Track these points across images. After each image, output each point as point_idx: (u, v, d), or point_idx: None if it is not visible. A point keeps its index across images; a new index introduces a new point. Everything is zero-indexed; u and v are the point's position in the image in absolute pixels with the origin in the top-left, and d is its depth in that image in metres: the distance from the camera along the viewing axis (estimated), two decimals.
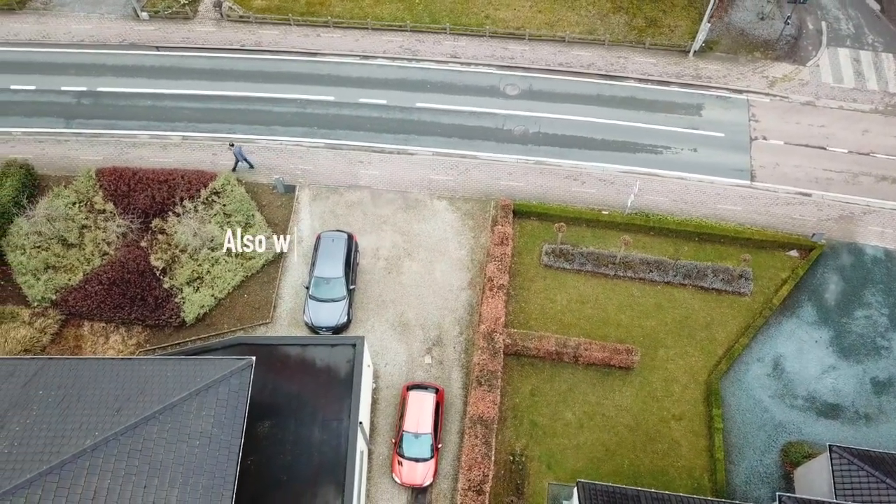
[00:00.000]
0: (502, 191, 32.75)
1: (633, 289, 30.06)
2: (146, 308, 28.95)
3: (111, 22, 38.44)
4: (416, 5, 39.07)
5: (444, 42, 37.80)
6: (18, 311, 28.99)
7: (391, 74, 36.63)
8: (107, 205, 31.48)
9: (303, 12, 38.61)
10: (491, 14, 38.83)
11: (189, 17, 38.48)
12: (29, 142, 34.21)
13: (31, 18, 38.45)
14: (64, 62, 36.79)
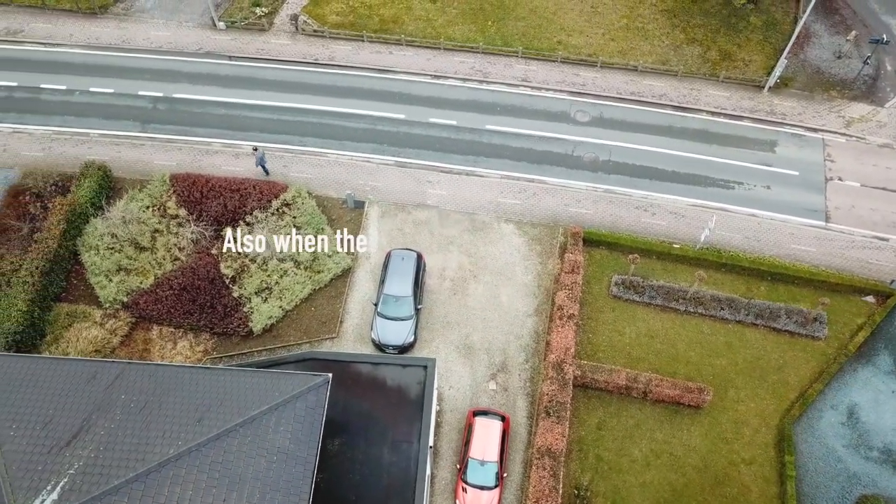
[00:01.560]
0: (571, 218, 32.50)
1: (704, 326, 29.52)
2: (215, 316, 29.18)
3: (189, 30, 39.20)
4: (489, 28, 39.20)
5: (515, 65, 37.83)
6: (90, 312, 29.41)
7: (462, 95, 36.73)
8: (179, 210, 31.91)
9: (376, 29, 38.99)
10: (563, 40, 38.80)
11: (265, 28, 39.09)
12: (105, 144, 34.90)
13: (112, 23, 39.38)
14: (141, 67, 37.56)
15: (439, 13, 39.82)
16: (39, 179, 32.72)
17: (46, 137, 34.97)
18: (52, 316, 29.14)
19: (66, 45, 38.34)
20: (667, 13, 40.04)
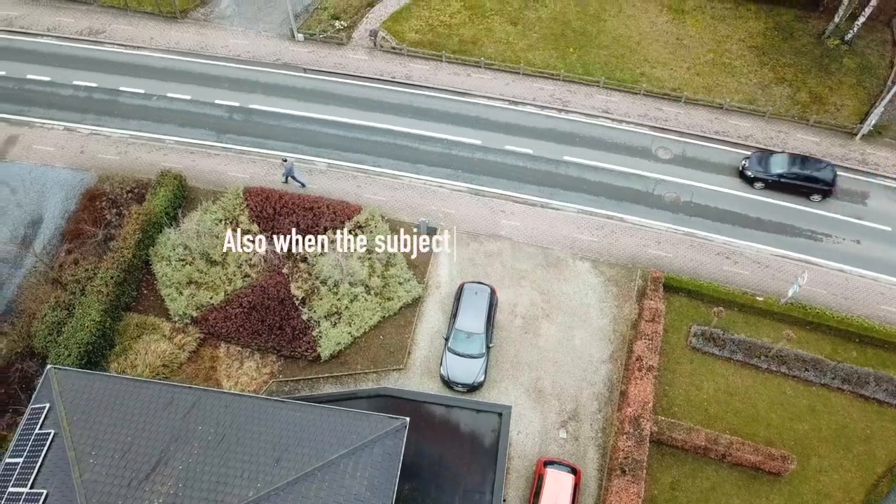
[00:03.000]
0: (649, 260, 31.43)
1: (786, 386, 28.21)
2: (283, 338, 28.81)
3: (267, 39, 39.04)
4: (570, 54, 38.26)
5: (595, 95, 36.84)
6: (160, 324, 29.31)
7: (539, 123, 35.87)
8: (252, 226, 31.66)
9: (455, 50, 38.33)
10: (646, 72, 37.67)
11: (343, 43, 38.72)
12: (180, 151, 34.86)
13: (192, 29, 39.43)
14: (219, 75, 37.49)
15: (520, 37, 39.00)
16: (116, 185, 32.79)
17: (123, 141, 35.08)
18: (122, 326, 29.10)
19: (146, 48, 38.49)
20: (755, 50, 38.62)
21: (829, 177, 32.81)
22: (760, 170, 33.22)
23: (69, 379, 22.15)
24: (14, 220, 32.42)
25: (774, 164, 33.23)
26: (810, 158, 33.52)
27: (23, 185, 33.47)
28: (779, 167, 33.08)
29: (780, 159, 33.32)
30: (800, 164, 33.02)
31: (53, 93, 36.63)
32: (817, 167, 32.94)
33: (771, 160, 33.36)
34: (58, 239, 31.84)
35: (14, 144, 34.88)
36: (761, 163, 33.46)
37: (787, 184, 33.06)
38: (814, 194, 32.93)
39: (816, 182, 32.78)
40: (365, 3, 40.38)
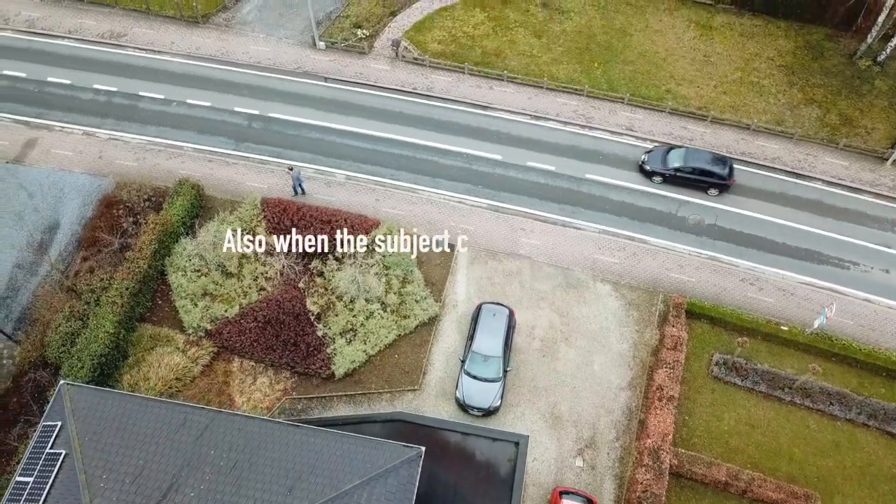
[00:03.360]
0: (672, 284, 30.79)
1: (810, 420, 27.52)
2: (297, 354, 28.43)
3: (288, 47, 38.68)
4: (595, 69, 37.64)
5: (620, 112, 36.20)
6: (173, 336, 29.01)
7: (562, 139, 35.28)
8: (269, 238, 31.33)
9: (478, 62, 37.79)
10: (672, 89, 36.97)
11: (364, 52, 38.29)
12: (198, 159, 34.58)
13: (214, 34, 39.14)
14: (239, 82, 37.17)
15: (544, 50, 38.41)
16: (133, 192, 32.53)
17: (141, 147, 34.84)
18: (136, 337, 28.84)
19: (166, 52, 38.23)
20: (784, 69, 37.81)
21: (724, 171, 32.65)
22: (658, 164, 33.28)
23: (82, 396, 21.88)
24: (31, 225, 32.23)
25: (672, 158, 33.27)
26: (707, 153, 33.38)
27: (40, 189, 33.31)
28: (676, 161, 33.11)
29: (677, 154, 33.37)
30: (696, 159, 32.97)
31: (73, 96, 36.47)
32: (712, 161, 32.85)
33: (669, 155, 33.42)
34: (74, 246, 31.67)
35: (33, 148, 34.74)
36: (660, 157, 33.41)
37: (684, 178, 33.13)
38: (711, 188, 33.13)
39: (711, 176, 32.75)
40: (387, 11, 39.94)
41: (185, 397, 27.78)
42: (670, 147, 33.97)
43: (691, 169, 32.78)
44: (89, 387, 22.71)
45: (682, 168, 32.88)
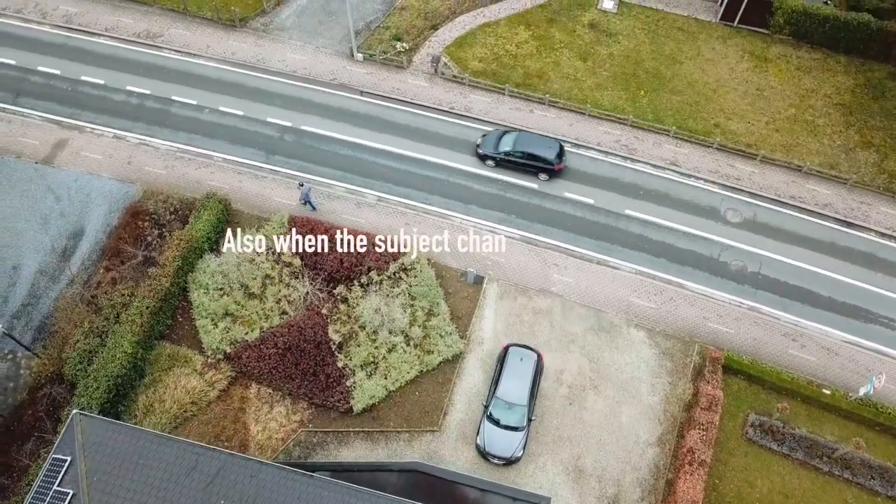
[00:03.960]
0: (709, 334, 29.40)
1: (848, 494, 26.06)
2: (317, 386, 27.64)
3: (325, 56, 37.69)
4: (641, 97, 36.09)
5: (664, 145, 34.66)
6: (192, 357, 28.39)
7: (602, 171, 33.90)
8: (294, 259, 30.52)
9: (519, 83, 36.45)
10: (721, 123, 35.31)
11: (403, 66, 37.15)
12: (227, 170, 33.83)
13: (250, 39, 38.29)
14: (273, 91, 36.29)
15: (589, 74, 36.94)
16: (160, 203, 31.94)
17: (171, 154, 34.20)
18: (154, 355, 28.28)
19: (201, 56, 37.47)
20: (842, 108, 35.91)
21: (552, 156, 32.71)
22: (491, 148, 33.45)
23: (94, 428, 21.32)
24: (56, 230, 31.82)
25: (503, 142, 33.38)
26: (538, 137, 33.71)
27: (68, 193, 32.87)
28: (506, 145, 33.24)
29: (509, 138, 33.55)
30: (525, 143, 33.11)
31: (106, 97, 35.91)
32: (541, 146, 33.00)
33: (502, 139, 33.59)
34: (97, 254, 31.16)
35: (63, 149, 34.30)
36: (493, 141, 33.64)
37: (514, 162, 33.28)
38: (541, 173, 33.30)
39: (538, 160, 32.80)
40: (429, 24, 38.72)
41: (200, 422, 27.22)
42: (505, 131, 34.08)
43: (520, 153, 32.93)
44: (102, 419, 22.12)
45: (512, 152, 33.02)
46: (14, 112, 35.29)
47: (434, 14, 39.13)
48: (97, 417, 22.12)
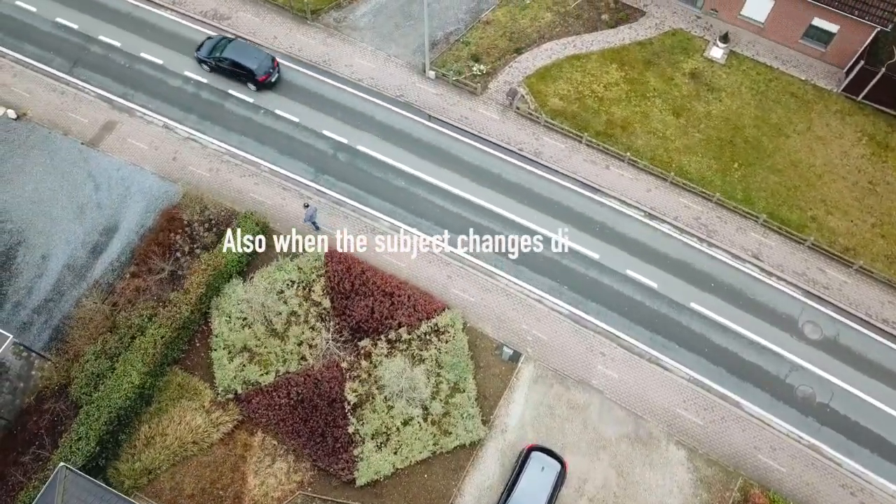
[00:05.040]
0: (757, 469, 26.36)
1: None
2: (323, 448, 26.04)
3: (395, 68, 34.75)
4: (733, 171, 32.09)
5: (749, 232, 30.85)
6: (202, 391, 27.05)
7: (673, 250, 30.47)
8: (324, 299, 28.59)
9: (599, 132, 32.88)
10: (819, 217, 31.14)
11: (476, 92, 33.94)
12: (273, 183, 31.80)
13: (319, 36, 35.57)
14: (334, 99, 33.75)
15: (679, 133, 33.02)
16: (195, 214, 30.31)
17: (217, 156, 32.34)
18: (164, 382, 27.13)
19: (267, 47, 35.09)
20: None
21: (255, 66, 32.76)
22: (206, 54, 33.69)
23: (76, 489, 20.24)
24: (91, 222, 30.66)
25: (217, 48, 33.60)
26: (252, 48, 33.67)
27: (108, 183, 31.57)
28: (218, 52, 33.40)
29: (223, 45, 33.63)
30: (236, 52, 33.24)
31: (162, 80, 34.11)
32: (250, 57, 33.06)
33: (217, 45, 33.72)
34: (126, 257, 29.90)
35: (110, 132, 32.86)
36: (209, 47, 33.77)
37: (225, 69, 33.52)
38: (249, 82, 33.49)
39: (243, 69, 32.98)
40: (512, 47, 35.18)
41: (199, 463, 26.12)
42: (222, 38, 34.10)
43: (230, 61, 33.06)
44: (87, 479, 21.06)
45: (222, 59, 33.18)
46: (69, 83, 33.95)
47: (520, 35, 35.52)
48: (82, 476, 21.06)
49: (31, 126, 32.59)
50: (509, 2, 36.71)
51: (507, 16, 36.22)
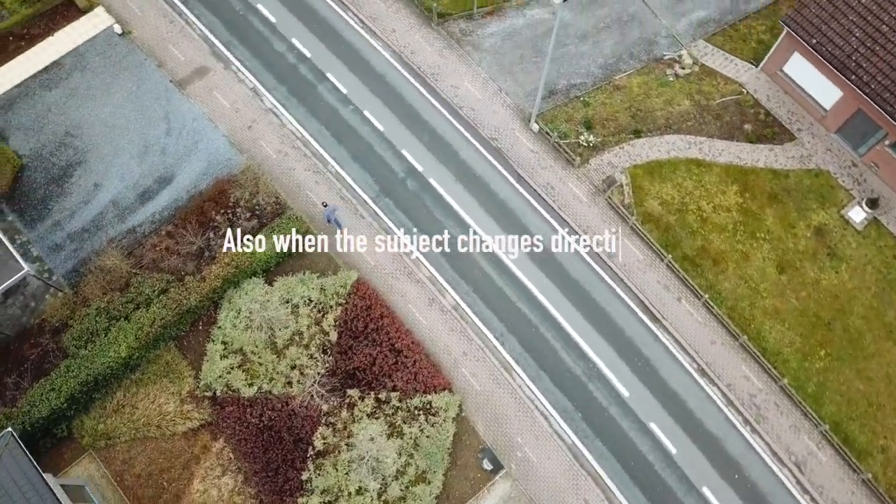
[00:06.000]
0: None
1: None
2: (272, 484, 25.29)
3: (500, 106, 31.87)
4: (817, 358, 27.79)
5: (803, 435, 26.88)
6: (185, 378, 26.72)
7: (711, 420, 26.93)
8: (333, 331, 27.34)
9: (687, 255, 29.19)
10: (890, 448, 26.71)
11: (573, 163, 30.72)
12: (333, 190, 30.17)
13: (438, 44, 32.86)
14: (426, 120, 31.43)
15: (775, 291, 28.81)
16: (247, 193, 29.35)
17: (289, 139, 31.02)
18: (154, 355, 26.97)
19: (381, 39, 32.92)
20: None
21: None
22: None
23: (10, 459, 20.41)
24: (150, 165, 30.36)
25: None
26: None
27: (180, 130, 31.01)
28: None
29: None
30: None
31: (268, 40, 32.76)
32: None
33: None
34: (170, 213, 29.51)
35: (201, 78, 32.07)
36: None
37: None
38: None
39: None
40: (632, 127, 31.41)
41: (156, 447, 26.19)
42: None
43: None
44: (24, 455, 21.18)
45: None
46: (180, 13, 33.21)
47: (646, 116, 31.64)
48: (21, 450, 21.20)
49: (131, 47, 32.26)
50: (651, 71, 32.66)
51: (641, 87, 32.30)
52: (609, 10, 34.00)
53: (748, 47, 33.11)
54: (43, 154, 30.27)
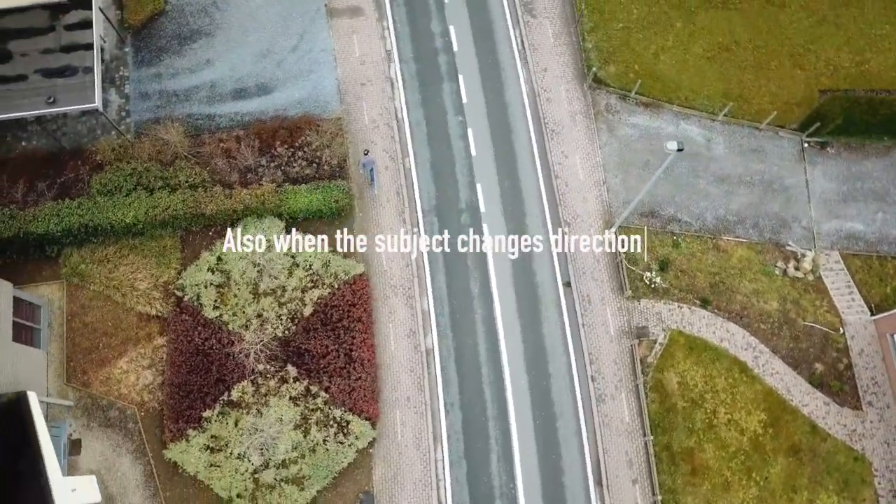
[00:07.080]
0: None
1: None
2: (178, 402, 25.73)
3: (594, 197, 29.74)
4: None
5: None
6: (170, 267, 27.34)
7: None
8: (309, 307, 27.21)
9: (669, 447, 26.58)
10: None
11: (624, 293, 28.38)
12: (392, 185, 29.75)
13: (580, 105, 31.02)
14: (517, 172, 29.86)
15: None
16: (323, 139, 28.95)
17: (388, 114, 30.45)
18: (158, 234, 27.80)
19: (528, 70, 31.31)
20: None
21: None
22: None
23: None
24: (260, 69, 30.66)
25: None
26: None
27: (303, 56, 30.92)
28: None
29: None
30: None
31: (427, 15, 31.85)
32: None
33: None
34: (248, 121, 29.91)
35: (351, 17, 31.89)
36: None
37: None
38: None
39: None
40: (704, 294, 28.34)
41: (113, 311, 27.26)
42: None
43: None
44: None
45: None
46: None
47: (726, 291, 28.53)
48: None
49: None
50: (763, 252, 29.28)
51: (741, 261, 29.08)
52: (765, 169, 30.58)
53: (880, 289, 28.93)
54: (185, 10, 31.57)
